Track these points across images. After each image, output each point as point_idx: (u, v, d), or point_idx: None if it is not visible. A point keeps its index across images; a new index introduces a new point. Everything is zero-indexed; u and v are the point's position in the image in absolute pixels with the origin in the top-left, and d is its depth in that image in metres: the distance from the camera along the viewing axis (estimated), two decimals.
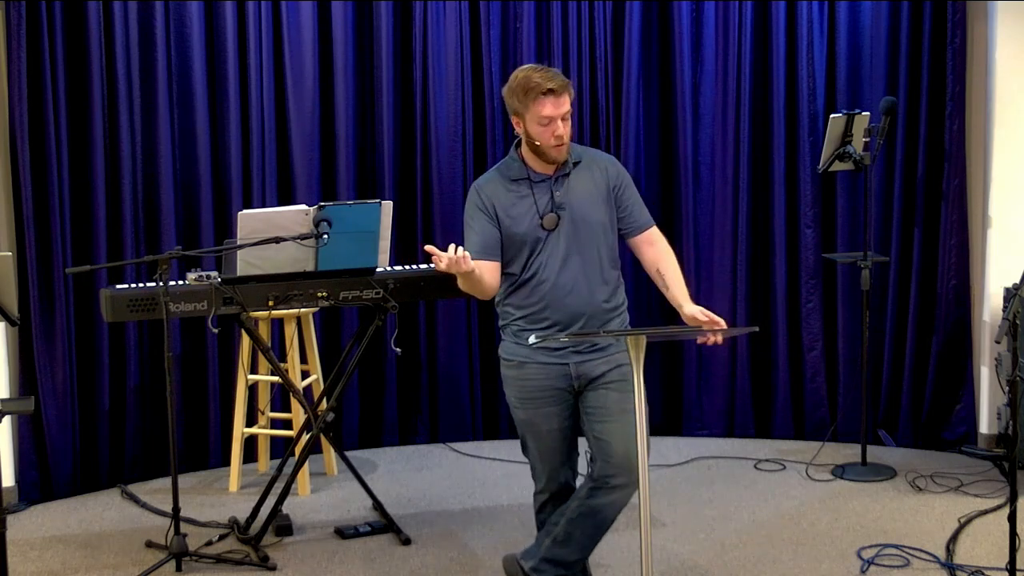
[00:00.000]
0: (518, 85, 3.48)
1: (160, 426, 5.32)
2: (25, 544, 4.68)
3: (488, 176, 3.68)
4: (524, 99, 3.46)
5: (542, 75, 3.46)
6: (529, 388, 3.60)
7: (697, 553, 4.41)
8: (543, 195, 3.55)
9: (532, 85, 3.44)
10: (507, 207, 3.55)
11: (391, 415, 5.97)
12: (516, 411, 3.66)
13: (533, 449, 3.67)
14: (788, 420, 5.97)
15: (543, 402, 3.59)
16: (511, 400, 3.67)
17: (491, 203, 3.56)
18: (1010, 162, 5.52)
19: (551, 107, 3.43)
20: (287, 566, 4.41)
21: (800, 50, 5.74)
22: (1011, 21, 5.45)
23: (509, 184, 3.57)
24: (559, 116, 3.45)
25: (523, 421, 3.65)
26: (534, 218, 3.53)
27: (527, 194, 3.55)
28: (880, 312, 5.76)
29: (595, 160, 3.67)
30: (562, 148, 3.51)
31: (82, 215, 5.27)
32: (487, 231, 3.56)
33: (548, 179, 3.56)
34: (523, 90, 3.46)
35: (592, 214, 3.57)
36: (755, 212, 5.93)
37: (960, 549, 4.42)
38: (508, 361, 3.65)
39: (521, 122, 3.51)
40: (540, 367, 3.57)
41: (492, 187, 3.60)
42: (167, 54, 5.37)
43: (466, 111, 5.86)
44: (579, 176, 3.59)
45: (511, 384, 3.66)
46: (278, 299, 4.46)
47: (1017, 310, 3.61)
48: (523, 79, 3.47)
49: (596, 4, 5.85)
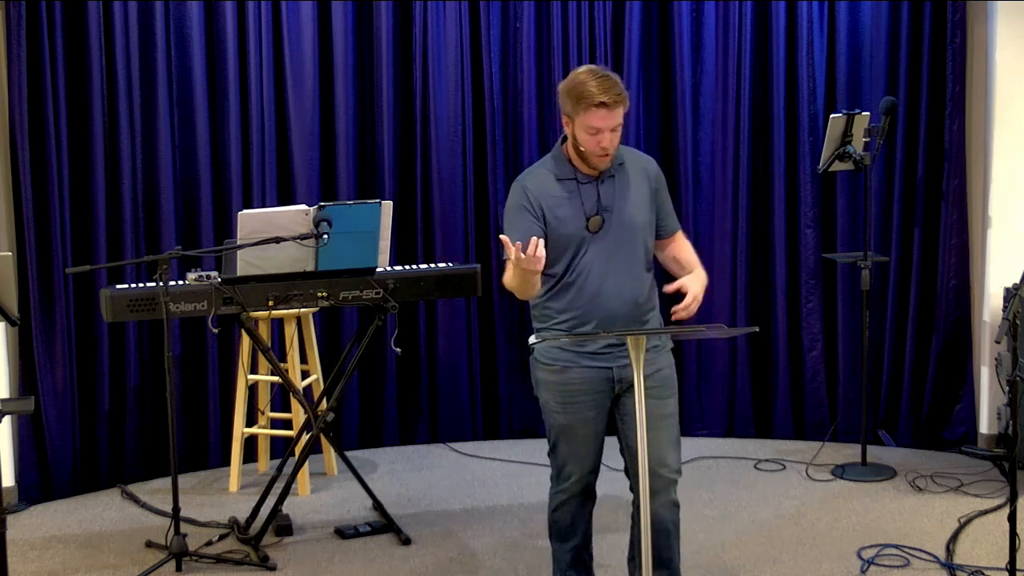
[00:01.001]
0: (573, 89, 3.38)
1: (160, 426, 5.32)
2: (25, 544, 4.68)
3: (534, 172, 3.56)
4: (576, 105, 3.36)
5: (598, 84, 3.34)
6: (571, 392, 3.51)
7: (697, 553, 4.41)
8: (589, 196, 3.47)
9: (586, 94, 3.33)
10: (553, 207, 3.45)
11: (391, 415, 5.97)
12: (555, 416, 3.55)
13: (565, 452, 3.59)
14: (788, 420, 5.97)
15: (584, 406, 3.51)
16: (548, 404, 3.56)
17: (538, 202, 3.45)
18: (1010, 162, 5.52)
19: (601, 119, 3.34)
20: (287, 566, 4.41)
21: (800, 50, 5.74)
22: (1011, 21, 5.45)
23: (556, 183, 3.48)
24: (608, 128, 3.36)
25: (561, 425, 3.55)
26: (581, 220, 3.45)
27: (574, 194, 3.46)
28: (880, 312, 5.76)
29: (637, 160, 3.60)
30: (606, 159, 3.43)
31: (82, 215, 5.27)
32: (530, 231, 3.41)
33: (594, 180, 3.48)
34: (576, 96, 3.36)
35: (636, 216, 3.50)
36: (755, 212, 5.93)
37: (960, 549, 4.42)
38: (549, 365, 3.54)
39: (571, 124, 3.42)
40: (584, 371, 3.49)
41: (538, 185, 3.49)
42: (167, 54, 5.37)
43: (466, 111, 5.86)
44: (623, 177, 3.51)
45: (551, 388, 3.54)
46: (278, 299, 4.46)
47: (1017, 310, 3.61)
48: (579, 84, 3.36)
49: (596, 4, 5.85)
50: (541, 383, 3.58)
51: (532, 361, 3.61)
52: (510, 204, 3.52)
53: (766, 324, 5.92)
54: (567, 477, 3.60)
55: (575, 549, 3.71)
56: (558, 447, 3.60)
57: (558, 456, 3.61)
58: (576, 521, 3.68)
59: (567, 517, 3.67)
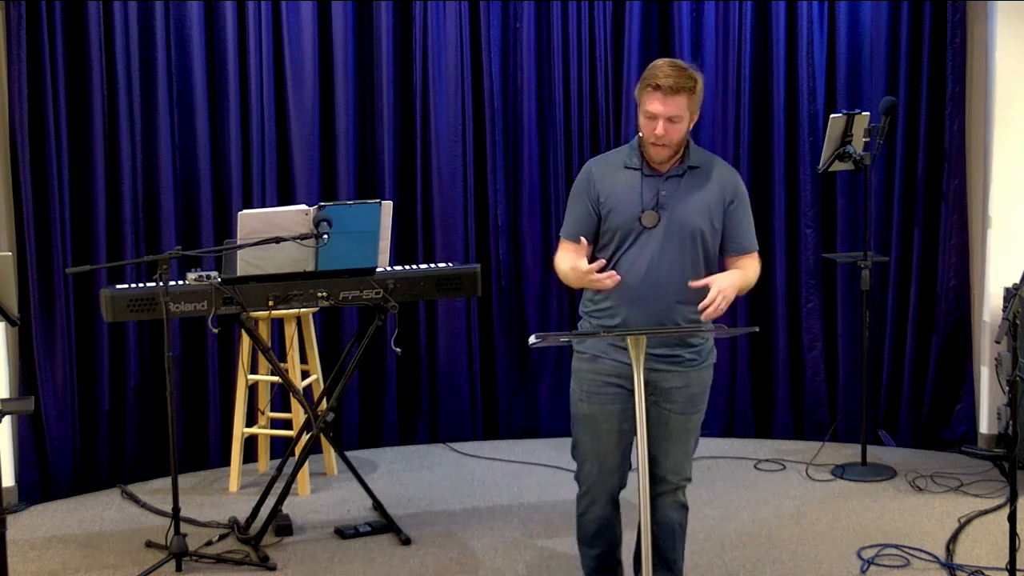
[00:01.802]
0: (645, 73, 3.38)
1: (160, 426, 5.32)
2: (25, 544, 4.68)
3: (605, 156, 3.61)
4: (641, 87, 3.37)
5: (666, 69, 3.32)
6: (598, 383, 3.50)
7: (697, 553, 4.41)
8: (650, 190, 3.43)
9: (648, 76, 3.33)
10: (611, 192, 3.44)
11: (391, 415, 5.97)
12: (580, 405, 3.54)
13: (586, 448, 3.56)
14: (788, 420, 5.97)
15: (609, 399, 3.50)
16: (576, 393, 3.56)
17: (596, 187, 3.45)
18: (1010, 162, 5.52)
19: (657, 104, 3.31)
20: (287, 566, 4.41)
21: (800, 50, 5.75)
22: (1011, 21, 5.45)
23: (621, 169, 3.47)
24: (665, 116, 3.31)
25: (585, 416, 3.54)
26: (635, 211, 3.41)
27: (635, 185, 3.43)
28: (880, 312, 5.76)
29: (716, 169, 3.53)
30: (661, 150, 3.38)
31: (82, 215, 5.27)
32: (584, 216, 3.46)
33: (659, 176, 3.45)
34: (644, 77, 3.36)
35: (693, 221, 3.44)
36: (755, 212, 5.88)
37: (960, 549, 4.42)
38: (582, 354, 3.55)
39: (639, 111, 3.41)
40: (614, 364, 3.48)
41: (603, 169, 3.49)
42: (167, 54, 5.36)
43: (466, 111, 5.86)
44: (692, 180, 3.46)
45: (581, 377, 3.54)
46: (278, 299, 4.46)
47: (1017, 310, 3.61)
48: (650, 67, 3.37)
49: (596, 4, 5.85)
50: (574, 373, 3.59)
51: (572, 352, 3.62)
52: (575, 186, 3.55)
53: (766, 324, 5.92)
54: (587, 477, 3.58)
55: (601, 556, 3.69)
56: (579, 443, 3.57)
57: (579, 454, 3.60)
58: (601, 530, 3.65)
59: (592, 525, 3.65)
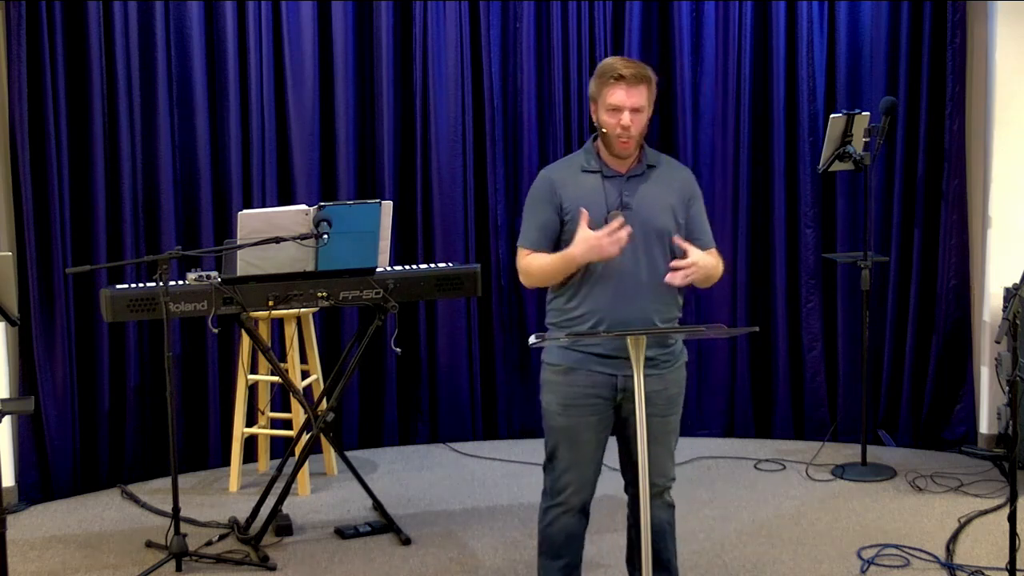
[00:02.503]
0: (598, 69, 3.40)
1: (160, 426, 5.32)
2: (25, 544, 4.68)
3: (560, 163, 3.58)
4: (599, 84, 3.38)
5: (623, 61, 3.40)
6: (575, 395, 3.45)
7: (697, 553, 4.41)
8: (613, 192, 3.42)
9: (608, 70, 3.37)
10: (574, 199, 3.41)
11: (391, 415, 5.97)
12: (556, 418, 3.47)
13: (566, 459, 3.51)
14: (788, 420, 5.97)
15: (587, 410, 3.45)
16: (551, 407, 3.49)
17: (559, 193, 3.43)
18: (1010, 162, 5.52)
19: (621, 95, 3.34)
20: (287, 566, 4.41)
21: (800, 50, 5.75)
22: (1011, 21, 5.45)
23: (580, 174, 3.45)
24: (629, 107, 3.35)
25: (562, 428, 3.49)
26: (600, 213, 3.39)
27: (597, 188, 3.42)
28: (880, 312, 5.76)
29: (673, 168, 3.57)
30: (628, 144, 3.40)
31: (82, 215, 5.27)
32: (547, 224, 3.43)
33: (620, 177, 3.45)
34: (600, 73, 3.38)
35: (659, 220, 3.43)
36: (755, 212, 5.94)
37: (960, 549, 4.42)
38: (555, 366, 3.48)
39: (595, 110, 3.42)
40: (589, 374, 3.44)
41: (562, 175, 3.46)
42: (167, 54, 5.37)
43: (466, 111, 5.86)
44: (652, 180, 3.47)
45: (555, 390, 3.48)
46: (278, 299, 4.46)
47: (1017, 310, 3.61)
48: (604, 64, 3.40)
49: (596, 4, 5.85)
50: (544, 384, 3.53)
51: (542, 364, 3.57)
52: (532, 194, 3.50)
53: (766, 324, 5.92)
54: (564, 488, 3.52)
55: (567, 568, 3.61)
56: (557, 454, 3.52)
57: (557, 465, 3.53)
58: (570, 540, 3.58)
59: (561, 535, 3.56)
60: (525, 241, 3.49)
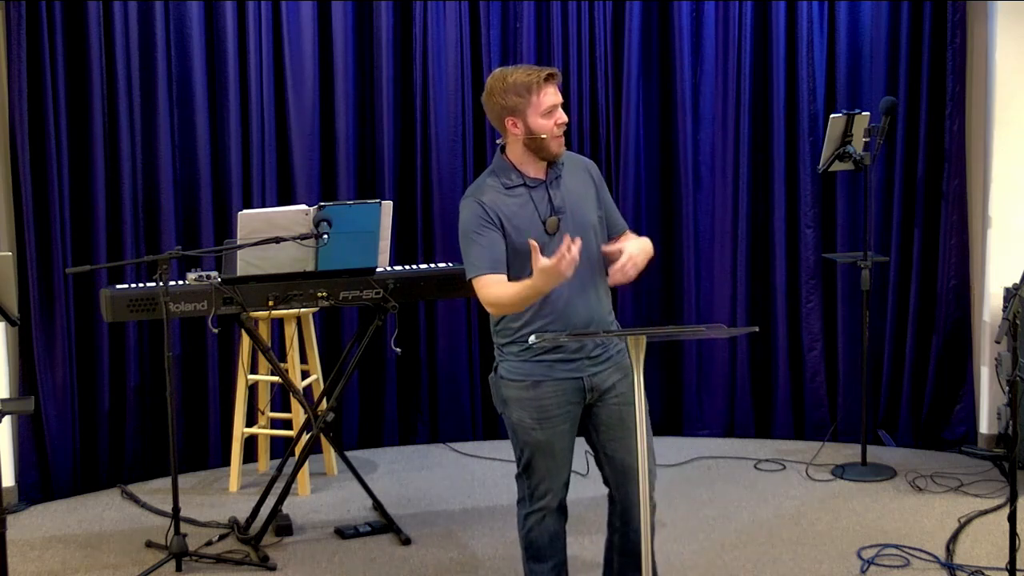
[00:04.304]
0: (514, 82, 3.34)
1: (160, 426, 5.32)
2: (25, 544, 4.69)
3: (481, 186, 3.43)
4: (526, 93, 3.33)
5: (531, 68, 3.38)
6: (547, 407, 3.43)
7: (697, 553, 4.41)
8: (542, 199, 3.41)
9: (531, 78, 3.34)
10: (510, 217, 3.38)
11: (391, 415, 5.97)
12: (531, 432, 3.44)
13: (542, 469, 3.51)
14: (788, 420, 5.97)
15: (560, 419, 3.44)
16: (524, 422, 3.44)
17: (496, 214, 3.37)
18: (1010, 162, 5.52)
19: (553, 95, 3.36)
20: (287, 566, 4.41)
21: (800, 50, 5.74)
22: (1011, 21, 5.45)
23: (506, 192, 3.40)
24: (560, 102, 3.38)
25: (538, 442, 3.47)
26: (538, 225, 3.38)
27: (526, 200, 3.40)
28: (880, 312, 5.75)
29: (577, 161, 3.57)
30: (562, 140, 3.41)
31: (82, 215, 5.27)
32: (496, 244, 3.36)
33: (543, 183, 3.43)
34: (523, 86, 3.33)
35: (588, 216, 3.46)
36: (755, 212, 5.93)
37: (960, 549, 4.42)
38: (519, 382, 3.43)
39: (520, 121, 3.36)
40: (557, 383, 3.42)
41: (492, 197, 3.38)
42: (167, 54, 5.37)
43: (466, 111, 5.86)
44: (568, 177, 3.48)
45: (525, 405, 3.43)
46: (278, 299, 4.46)
47: (1017, 310, 3.61)
48: (515, 78, 3.35)
49: (596, 4, 5.85)
50: (511, 401, 3.47)
51: (495, 380, 3.50)
52: (467, 223, 3.37)
53: (766, 324, 5.92)
54: (543, 495, 3.53)
55: (556, 568, 3.61)
56: (533, 465, 3.51)
57: (533, 475, 3.52)
58: (554, 540, 3.59)
59: (544, 537, 3.57)
60: (478, 270, 3.35)
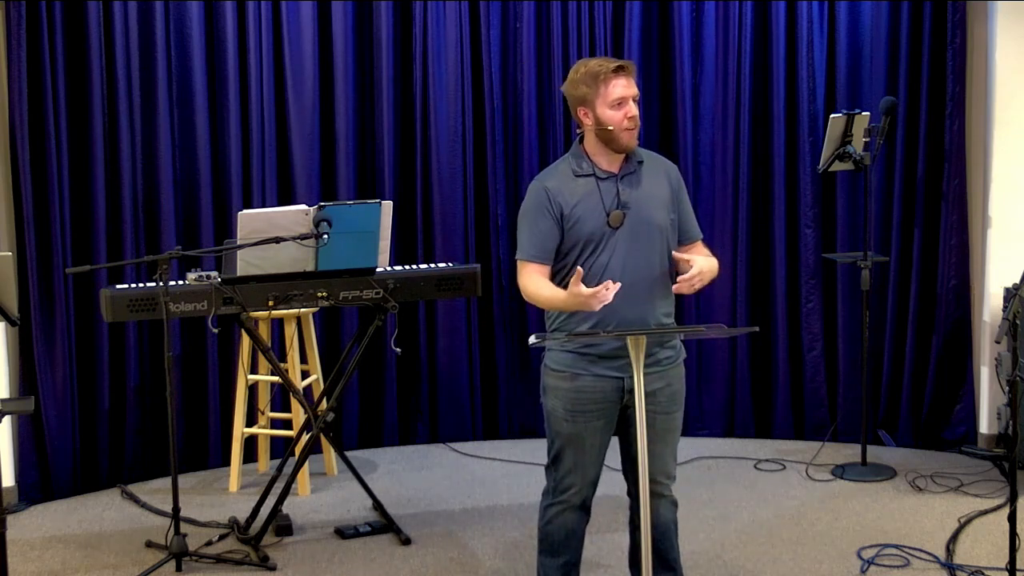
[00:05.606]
0: (586, 72, 3.40)
1: (160, 426, 5.32)
2: (25, 544, 4.69)
3: (552, 171, 3.51)
4: (594, 84, 3.37)
5: (605, 59, 3.44)
6: (582, 401, 3.43)
7: (697, 553, 4.41)
8: (609, 192, 3.42)
9: (601, 68, 3.37)
10: (572, 204, 3.40)
11: (391, 415, 5.97)
12: (563, 424, 3.45)
13: (570, 461, 3.50)
14: (788, 420, 5.97)
15: (594, 415, 3.44)
16: (557, 412, 3.46)
17: (557, 202, 3.40)
18: (1010, 162, 5.52)
19: (623, 87, 3.37)
20: (287, 566, 4.41)
21: (800, 50, 5.74)
22: (1011, 21, 5.45)
23: (575, 179, 3.43)
24: (631, 96, 3.38)
25: (569, 435, 3.47)
26: (600, 216, 3.39)
27: (593, 190, 3.41)
28: (880, 312, 5.76)
29: (657, 161, 3.57)
30: (634, 133, 3.41)
31: (82, 215, 5.27)
32: (549, 235, 3.40)
33: (615, 176, 3.44)
34: (591, 76, 3.38)
35: (655, 216, 3.44)
36: (755, 212, 5.93)
37: (960, 549, 4.42)
38: (559, 372, 3.45)
39: (590, 111, 3.39)
40: (595, 379, 3.42)
41: (558, 183, 3.43)
42: (167, 54, 5.37)
43: (466, 111, 5.86)
44: (644, 176, 3.48)
45: (561, 396, 3.45)
46: (278, 299, 4.46)
47: (1017, 310, 3.61)
48: (588, 68, 3.40)
49: (596, 4, 5.85)
50: (550, 389, 3.50)
51: (543, 368, 3.54)
52: (528, 205, 3.45)
53: (766, 324, 5.92)
54: (567, 488, 3.51)
55: (566, 565, 3.60)
56: (562, 457, 3.50)
57: (561, 466, 3.52)
58: (570, 537, 3.57)
59: (561, 531, 3.56)
60: (525, 254, 3.44)
